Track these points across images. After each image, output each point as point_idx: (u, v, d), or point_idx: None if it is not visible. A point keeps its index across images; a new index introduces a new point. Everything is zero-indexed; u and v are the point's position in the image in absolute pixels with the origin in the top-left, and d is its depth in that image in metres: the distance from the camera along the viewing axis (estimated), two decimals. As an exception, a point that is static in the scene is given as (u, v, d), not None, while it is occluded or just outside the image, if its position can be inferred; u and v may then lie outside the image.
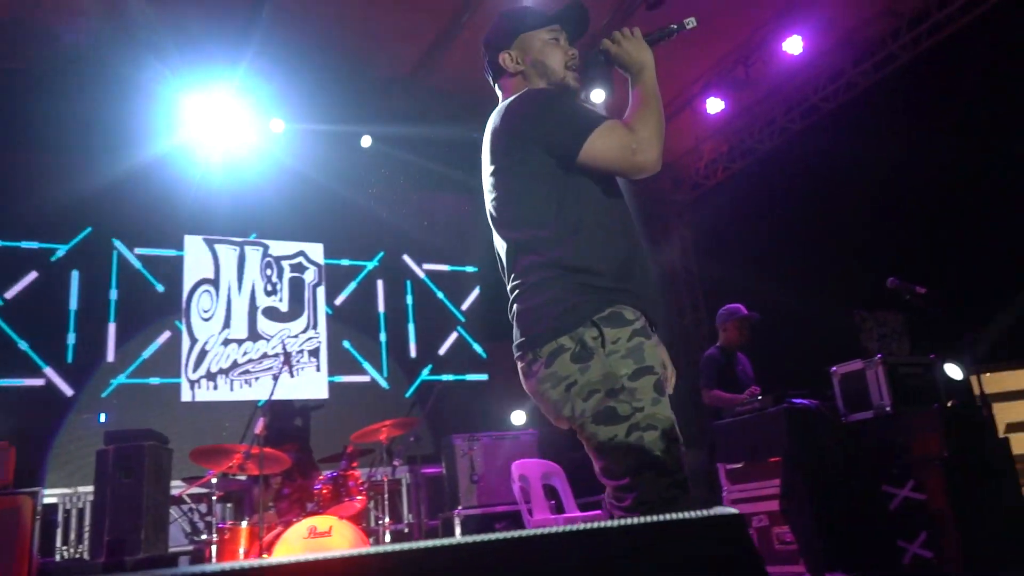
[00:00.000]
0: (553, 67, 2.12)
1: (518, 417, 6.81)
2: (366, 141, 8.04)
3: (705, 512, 0.95)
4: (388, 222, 8.09)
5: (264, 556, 4.31)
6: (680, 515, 0.95)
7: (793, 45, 7.09)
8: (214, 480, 4.54)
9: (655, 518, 0.97)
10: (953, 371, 4.27)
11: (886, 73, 7.24)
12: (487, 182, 2.07)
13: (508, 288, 2.01)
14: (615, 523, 0.97)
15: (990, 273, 4.92)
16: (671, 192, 9.35)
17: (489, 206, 2.08)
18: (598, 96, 7.54)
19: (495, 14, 2.32)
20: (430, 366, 7.76)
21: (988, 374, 4.12)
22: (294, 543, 4.34)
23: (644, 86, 1.97)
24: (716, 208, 8.81)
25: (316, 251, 7.69)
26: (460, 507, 5.39)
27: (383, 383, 7.46)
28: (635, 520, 1.03)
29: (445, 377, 7.71)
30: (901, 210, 6.44)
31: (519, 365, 1.94)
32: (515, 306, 1.95)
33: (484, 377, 7.90)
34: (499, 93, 2.22)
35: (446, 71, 7.84)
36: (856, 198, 7.03)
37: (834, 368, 4.11)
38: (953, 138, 6.02)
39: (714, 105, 7.94)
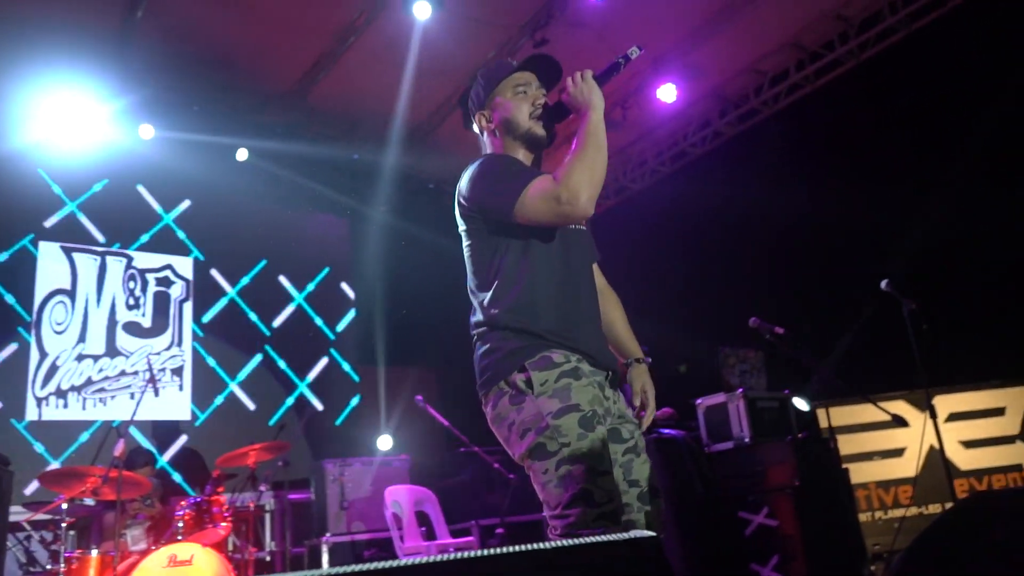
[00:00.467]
0: (518, 121, 2.21)
1: (384, 442, 6.77)
2: (242, 154, 7.84)
3: (623, 536, 1.02)
4: (262, 238, 7.89)
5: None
6: (597, 538, 1.02)
7: (667, 93, 7.49)
8: (64, 506, 4.25)
9: (571, 542, 1.03)
10: (801, 404, 4.62)
11: (748, 125, 7.80)
12: None
13: None
14: (537, 546, 1.03)
15: (837, 313, 5.37)
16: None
17: None
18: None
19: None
20: (299, 388, 7.59)
21: (832, 408, 4.49)
22: (152, 572, 4.13)
23: (587, 127, 2.06)
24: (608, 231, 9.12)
25: (185, 265, 7.38)
26: (328, 534, 5.29)
27: (250, 405, 7.21)
28: (549, 545, 1.09)
29: (315, 400, 7.57)
30: (761, 252, 6.93)
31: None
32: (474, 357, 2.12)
33: (356, 400, 7.80)
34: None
35: (326, 91, 7.80)
36: (720, 240, 7.50)
37: (699, 400, 4.36)
38: (805, 187, 6.53)
39: (591, 144, 8.26)
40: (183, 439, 6.57)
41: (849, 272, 5.76)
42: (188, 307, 7.20)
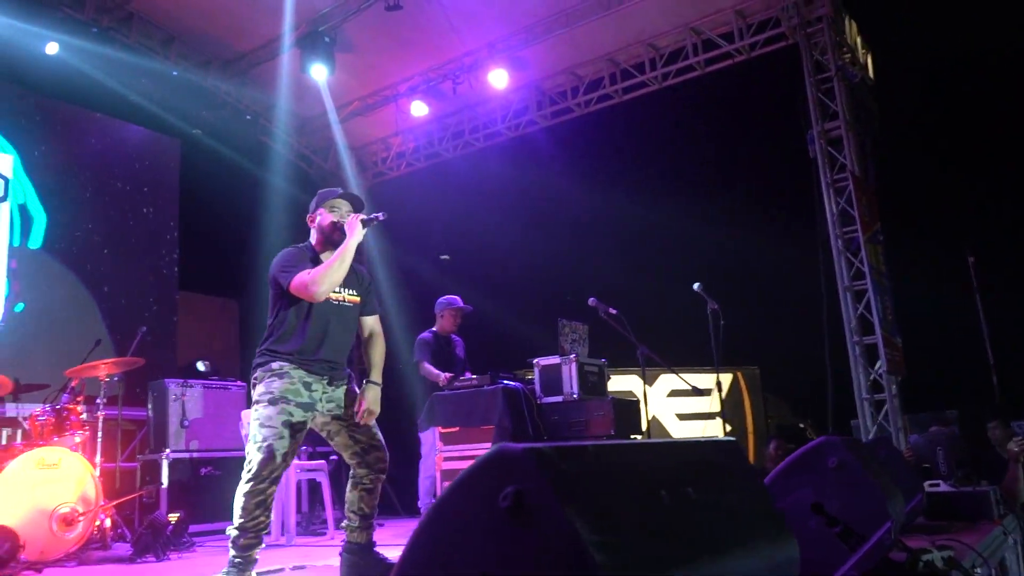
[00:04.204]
0: (323, 226, 3.44)
1: (202, 366, 6.92)
2: (52, 48, 7.32)
3: (718, 438, 1.71)
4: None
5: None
6: (707, 437, 1.75)
7: (499, 78, 8.24)
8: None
9: (699, 438, 1.76)
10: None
11: (560, 121, 8.82)
12: None
13: None
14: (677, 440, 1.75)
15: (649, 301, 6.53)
16: (357, 174, 9.95)
17: None
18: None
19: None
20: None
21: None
22: (20, 473, 4.16)
23: (343, 249, 3.27)
24: (396, 197, 9.65)
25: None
26: (169, 450, 5.44)
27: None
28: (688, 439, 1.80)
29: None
30: (571, 234, 7.99)
31: None
32: None
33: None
34: None
35: (154, 1, 7.55)
36: (521, 219, 8.47)
37: (536, 360, 5.23)
38: (610, 185, 7.69)
39: (419, 108, 8.81)
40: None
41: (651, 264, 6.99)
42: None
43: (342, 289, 3.43)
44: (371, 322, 3.61)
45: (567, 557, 1.09)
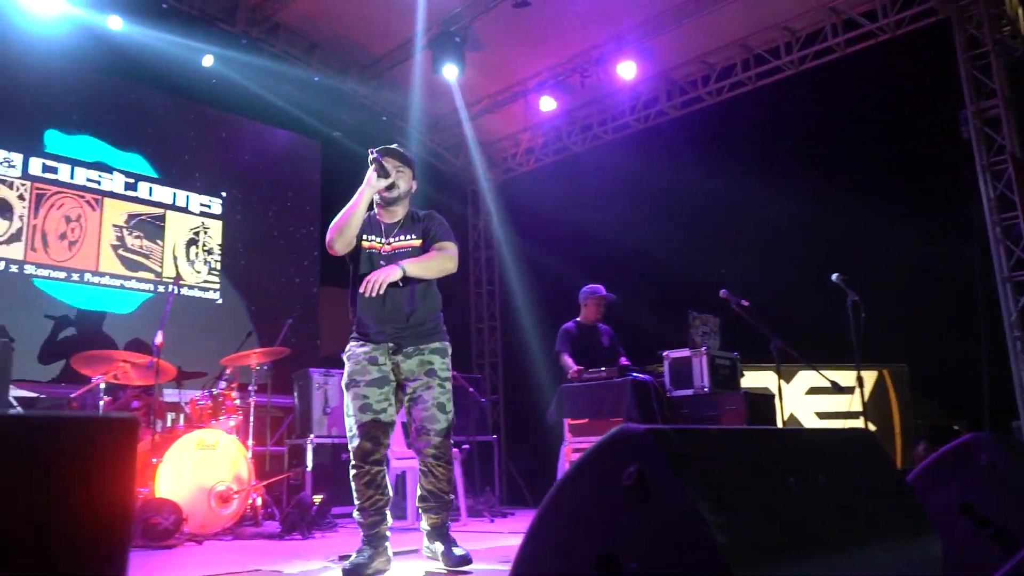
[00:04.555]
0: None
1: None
2: (208, 60, 7.84)
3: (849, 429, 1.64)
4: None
5: (153, 461, 4.44)
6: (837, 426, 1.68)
7: (627, 70, 8.18)
8: (103, 386, 4.54)
9: (810, 428, 1.70)
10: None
11: (692, 111, 8.64)
12: None
13: None
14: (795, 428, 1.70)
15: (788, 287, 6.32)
16: (487, 170, 10.14)
17: None
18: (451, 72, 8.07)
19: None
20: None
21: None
22: (184, 452, 4.53)
23: (356, 196, 3.24)
24: (525, 193, 9.76)
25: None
26: (313, 435, 5.77)
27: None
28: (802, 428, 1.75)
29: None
30: (689, 227, 7.83)
31: None
32: None
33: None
34: None
35: (297, 12, 7.95)
36: (652, 210, 8.35)
37: (666, 353, 5.18)
38: (741, 175, 7.45)
39: (547, 103, 8.87)
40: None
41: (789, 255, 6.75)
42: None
43: (390, 237, 3.35)
44: (438, 245, 3.40)
45: (689, 537, 1.09)
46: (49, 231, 6.48)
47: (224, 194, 7.84)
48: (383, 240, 3.35)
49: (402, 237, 3.36)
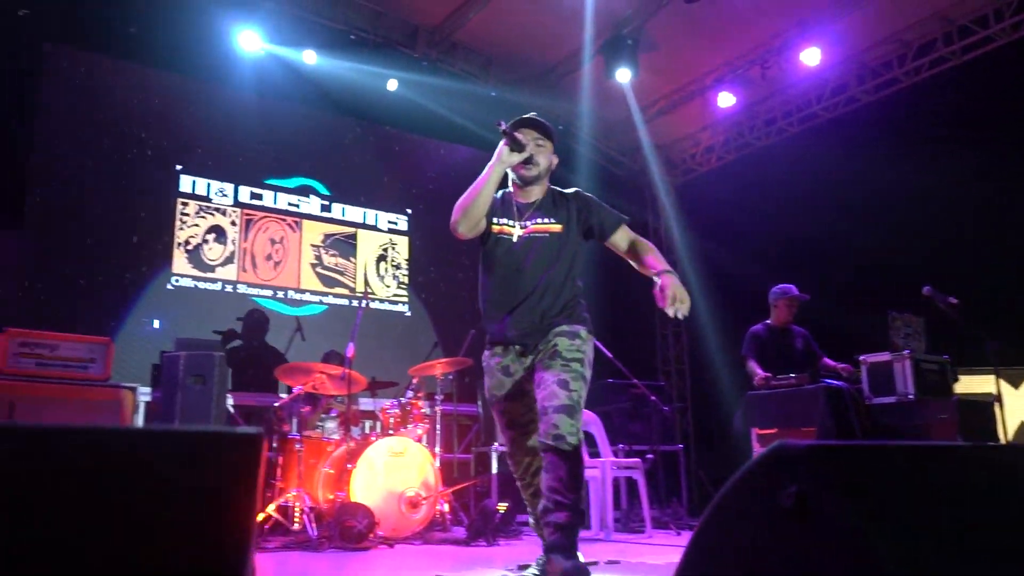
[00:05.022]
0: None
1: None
2: (392, 85, 8.24)
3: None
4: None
5: (348, 467, 4.71)
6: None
7: (811, 56, 7.70)
8: (303, 395, 4.89)
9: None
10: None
11: (886, 94, 8.00)
12: None
13: None
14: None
15: (993, 286, 5.69)
16: (665, 172, 9.93)
17: None
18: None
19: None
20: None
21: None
22: (375, 459, 4.77)
23: (483, 173, 2.95)
24: (707, 193, 9.46)
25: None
26: (497, 444, 5.90)
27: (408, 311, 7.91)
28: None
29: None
30: (886, 220, 7.21)
31: None
32: None
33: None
34: None
35: (472, 30, 8.16)
36: (843, 204, 7.78)
37: (863, 357, 4.80)
38: (942, 160, 6.77)
39: (726, 99, 8.54)
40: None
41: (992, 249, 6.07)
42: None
43: (524, 220, 2.97)
44: (620, 235, 3.07)
45: (856, 567, 0.97)
46: (257, 253, 7.10)
47: (410, 211, 8.22)
48: (516, 223, 2.98)
49: (538, 220, 2.97)
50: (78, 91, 6.53)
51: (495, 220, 3.02)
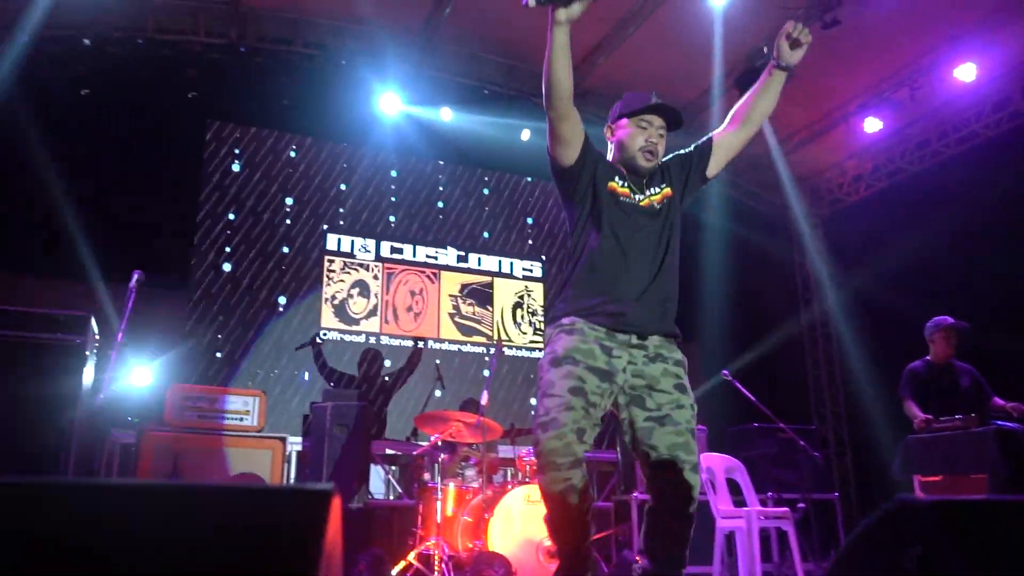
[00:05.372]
0: (628, 146, 2.69)
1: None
2: (525, 135, 8.39)
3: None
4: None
5: (486, 516, 4.72)
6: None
7: (966, 72, 7.20)
8: (440, 443, 4.97)
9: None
10: None
11: (1056, 106, 7.33)
12: None
13: None
14: None
15: None
16: (810, 204, 9.52)
17: None
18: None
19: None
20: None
21: None
22: (513, 507, 4.75)
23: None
24: (858, 223, 8.96)
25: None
26: (636, 491, 5.75)
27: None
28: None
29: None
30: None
31: None
32: None
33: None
34: None
35: (602, 75, 8.19)
36: (1011, 229, 7.14)
37: (1040, 394, 4.33)
38: None
39: (872, 124, 8.11)
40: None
41: None
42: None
43: (635, 187, 2.63)
44: (719, 134, 2.75)
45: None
46: (398, 305, 7.37)
47: (544, 257, 8.29)
48: (637, 191, 2.63)
49: (653, 189, 2.66)
50: (236, 160, 7.10)
51: (609, 179, 2.67)
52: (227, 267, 6.78)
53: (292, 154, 7.35)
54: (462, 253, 7.92)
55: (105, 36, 6.80)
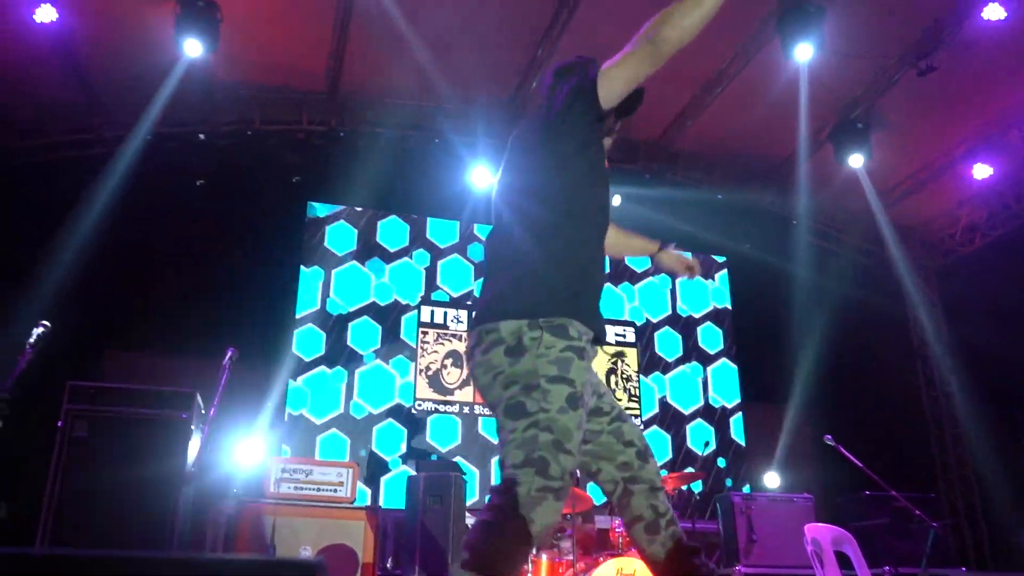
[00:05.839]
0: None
1: (771, 479, 6.82)
2: (616, 200, 8.39)
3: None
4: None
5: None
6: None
7: (1082, 111, 6.79)
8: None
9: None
10: None
11: None
12: None
13: None
14: None
15: None
16: (921, 256, 9.07)
17: None
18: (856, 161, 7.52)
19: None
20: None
21: None
22: (604, 581, 4.61)
23: None
24: (976, 276, 8.45)
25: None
26: (740, 565, 5.48)
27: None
28: None
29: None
30: None
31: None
32: None
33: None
34: None
35: (693, 137, 8.16)
36: None
37: None
38: None
39: (981, 171, 7.73)
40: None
41: None
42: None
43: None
44: None
45: None
46: (489, 375, 7.42)
47: (637, 323, 8.18)
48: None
49: None
50: (332, 239, 7.44)
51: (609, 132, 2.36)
52: (329, 343, 7.04)
53: (385, 230, 7.63)
54: (554, 320, 7.93)
55: (216, 131, 7.34)
